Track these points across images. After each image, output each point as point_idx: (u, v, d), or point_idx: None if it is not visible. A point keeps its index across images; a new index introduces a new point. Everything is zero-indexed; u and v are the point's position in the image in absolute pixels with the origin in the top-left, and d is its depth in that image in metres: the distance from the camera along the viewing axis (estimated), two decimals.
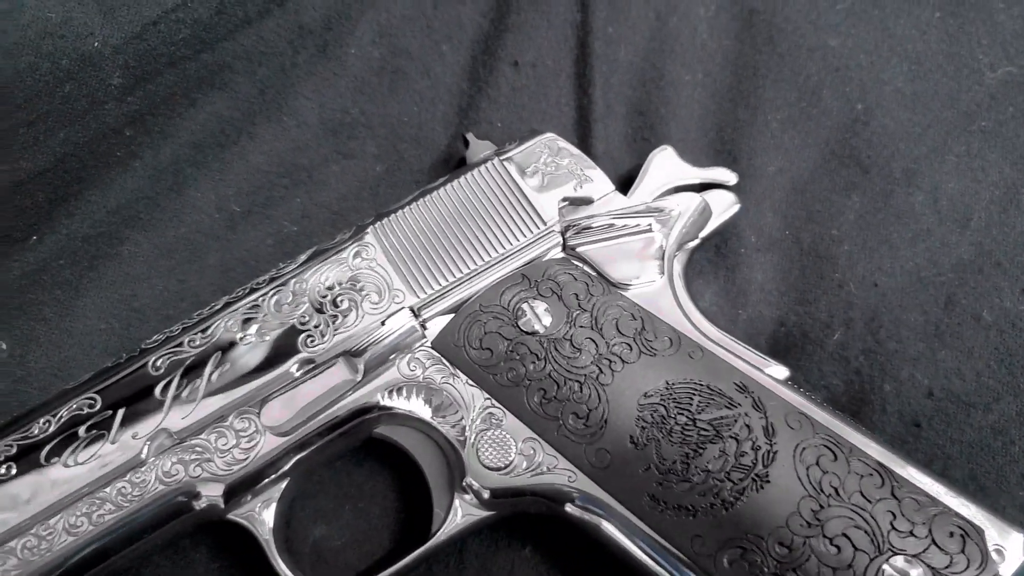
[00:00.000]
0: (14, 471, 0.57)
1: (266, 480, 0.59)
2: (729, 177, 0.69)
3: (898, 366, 0.67)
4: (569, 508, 0.58)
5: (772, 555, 0.53)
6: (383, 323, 0.61)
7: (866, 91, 0.76)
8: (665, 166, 0.68)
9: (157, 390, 0.59)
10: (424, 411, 0.60)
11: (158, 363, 0.60)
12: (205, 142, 0.75)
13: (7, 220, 0.71)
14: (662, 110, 0.76)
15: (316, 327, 0.60)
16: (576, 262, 0.63)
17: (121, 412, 0.59)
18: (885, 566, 0.52)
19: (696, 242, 0.67)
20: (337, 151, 0.76)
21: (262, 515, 0.60)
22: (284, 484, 0.60)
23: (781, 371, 0.60)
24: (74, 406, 0.59)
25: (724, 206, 0.68)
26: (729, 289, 0.71)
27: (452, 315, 0.62)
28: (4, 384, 0.68)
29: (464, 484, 0.59)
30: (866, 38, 0.78)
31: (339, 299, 0.61)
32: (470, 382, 0.60)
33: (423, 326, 0.61)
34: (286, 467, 0.59)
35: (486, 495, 0.59)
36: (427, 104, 0.77)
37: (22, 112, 0.68)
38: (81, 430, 0.58)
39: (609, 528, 0.57)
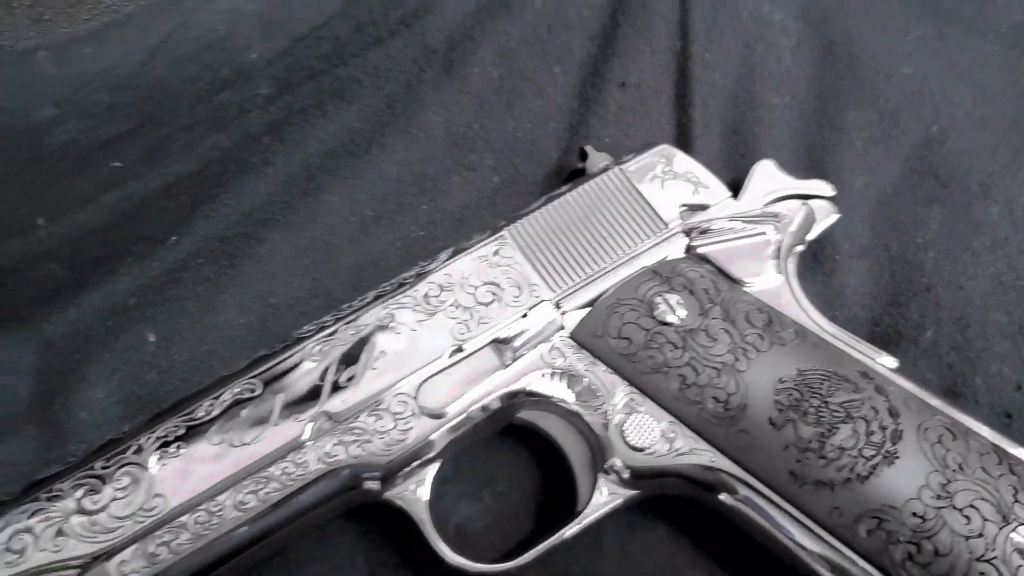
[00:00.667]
0: (183, 449, 0.60)
1: (419, 461, 0.62)
2: (827, 189, 0.74)
3: (987, 362, 0.72)
4: (710, 488, 0.61)
5: (907, 524, 0.56)
6: (525, 315, 0.65)
7: (939, 114, 0.83)
8: (768, 177, 0.74)
9: (316, 375, 0.62)
10: (569, 396, 0.64)
11: (314, 350, 0.63)
12: (336, 151, 0.80)
13: (154, 220, 0.75)
14: (755, 129, 0.82)
15: (463, 318, 0.64)
16: (700, 261, 0.68)
17: (281, 396, 0.61)
18: (1013, 535, 0.55)
19: (803, 246, 0.72)
20: (459, 163, 0.81)
21: (417, 494, 0.63)
22: (436, 466, 0.63)
23: (891, 361, 0.64)
24: (236, 390, 0.62)
25: (824, 214, 0.74)
26: (826, 293, 0.76)
27: (587, 309, 0.66)
28: (151, 375, 0.71)
29: (607, 466, 0.62)
30: (935, 66, 0.85)
31: (483, 292, 0.66)
32: (609, 370, 0.64)
33: (562, 318, 0.65)
34: (439, 449, 0.62)
35: (627, 475, 0.62)
36: (540, 121, 0.83)
37: (183, 118, 0.72)
38: (244, 412, 0.61)
39: (747, 506, 0.60)
